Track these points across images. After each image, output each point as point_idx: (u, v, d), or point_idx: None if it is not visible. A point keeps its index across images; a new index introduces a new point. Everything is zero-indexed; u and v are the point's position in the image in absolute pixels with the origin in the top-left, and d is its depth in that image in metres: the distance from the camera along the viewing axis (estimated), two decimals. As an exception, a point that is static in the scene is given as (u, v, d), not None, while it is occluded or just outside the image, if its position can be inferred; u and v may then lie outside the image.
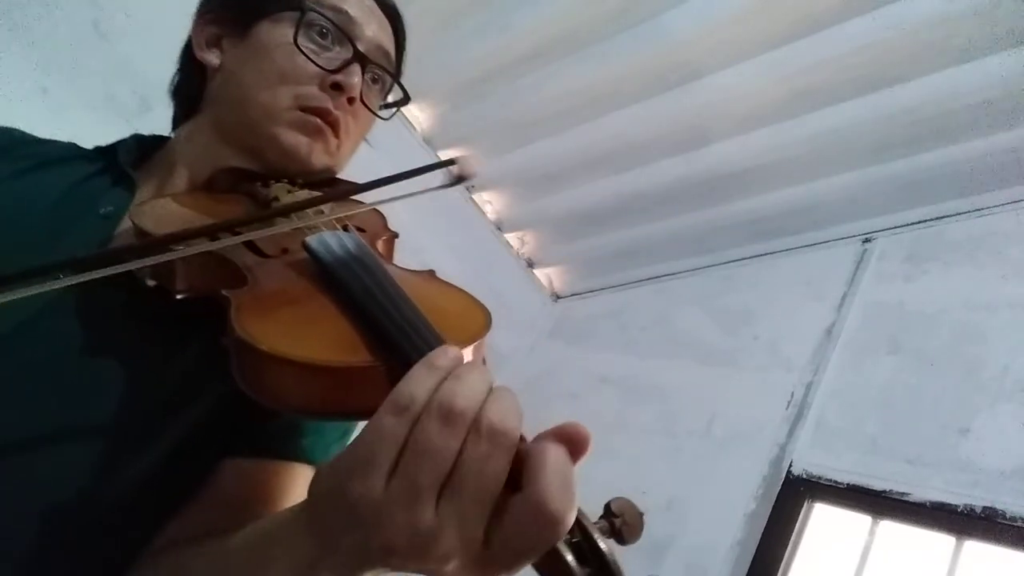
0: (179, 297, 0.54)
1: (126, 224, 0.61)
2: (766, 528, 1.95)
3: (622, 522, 0.37)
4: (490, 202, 2.90)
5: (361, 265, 0.50)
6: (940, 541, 1.73)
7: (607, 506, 0.38)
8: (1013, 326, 1.90)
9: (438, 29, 2.24)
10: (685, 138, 2.36)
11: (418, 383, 0.36)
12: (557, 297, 3.19)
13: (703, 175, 2.43)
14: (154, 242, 0.53)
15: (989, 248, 2.08)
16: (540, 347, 2.94)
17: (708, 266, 2.72)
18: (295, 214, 0.60)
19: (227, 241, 0.53)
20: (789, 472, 2.03)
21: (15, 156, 0.68)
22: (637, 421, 2.40)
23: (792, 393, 2.18)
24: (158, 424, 0.54)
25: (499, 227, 2.97)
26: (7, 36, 1.81)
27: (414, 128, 2.57)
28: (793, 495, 1.98)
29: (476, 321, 0.49)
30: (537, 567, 0.35)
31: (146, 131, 0.79)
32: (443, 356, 0.38)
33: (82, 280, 0.45)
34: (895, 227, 2.32)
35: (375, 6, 0.76)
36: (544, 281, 3.17)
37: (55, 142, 0.74)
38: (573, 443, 0.35)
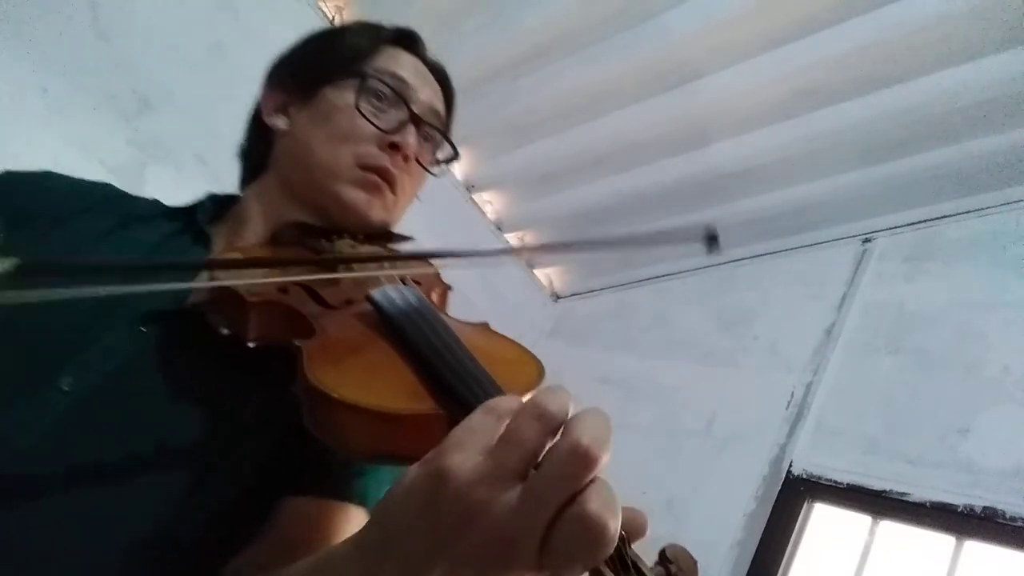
0: (251, 345, 0.57)
1: (203, 276, 0.66)
2: (766, 528, 1.96)
3: (677, 568, 0.39)
4: (490, 202, 2.89)
5: (422, 318, 0.54)
6: (940, 541, 1.73)
7: (662, 552, 0.40)
8: (1013, 326, 1.90)
9: (438, 29, 2.23)
10: (685, 138, 2.36)
11: (507, 397, 0.40)
12: (557, 297, 3.19)
13: (703, 175, 2.43)
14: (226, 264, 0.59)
15: (989, 248, 2.09)
16: (540, 347, 2.93)
17: (708, 266, 2.72)
18: (357, 266, 0.65)
19: (292, 277, 0.59)
20: (789, 472, 2.03)
21: (106, 213, 0.73)
22: (637, 421, 2.40)
23: (792, 393, 2.18)
24: (231, 464, 0.58)
25: (499, 227, 2.97)
26: (7, 36, 1.81)
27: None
28: (793, 495, 1.98)
29: (530, 372, 0.53)
30: None
31: (145, 130, 0.80)
32: (512, 399, 0.40)
33: (159, 288, 0.53)
34: (895, 227, 2.32)
35: (427, 71, 0.82)
36: (544, 281, 3.17)
37: (141, 199, 0.80)
38: (635, 522, 0.38)
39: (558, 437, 0.36)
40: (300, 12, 2.33)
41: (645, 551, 0.39)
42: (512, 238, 3.03)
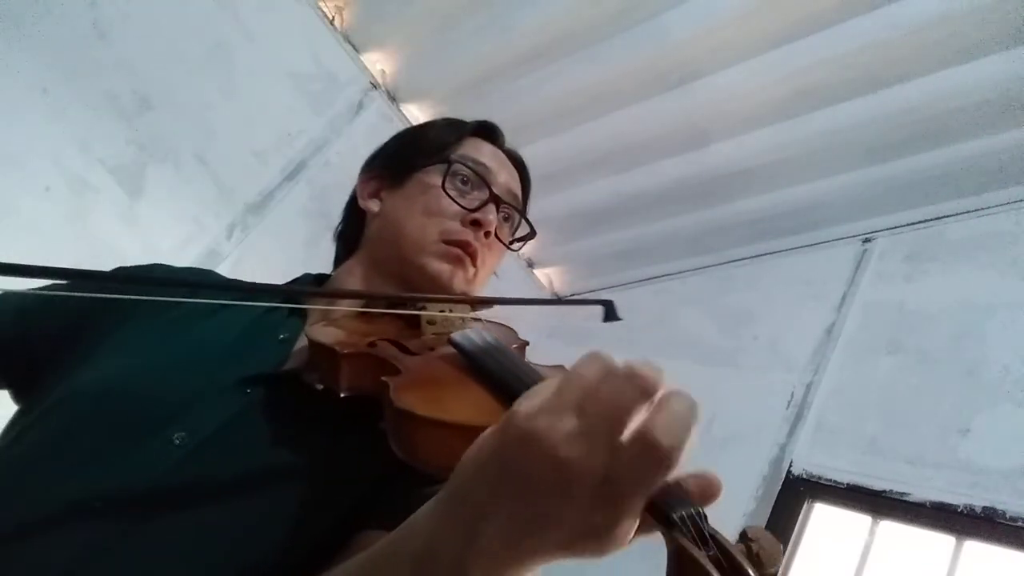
0: (343, 396, 0.62)
1: (301, 343, 0.74)
2: (766, 528, 1.95)
3: (759, 547, 0.40)
4: (490, 202, 2.90)
5: (499, 351, 0.58)
6: (940, 541, 1.73)
7: (743, 532, 0.41)
8: (1013, 326, 1.90)
9: (438, 29, 2.24)
10: (685, 138, 2.36)
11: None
12: (557, 297, 3.19)
13: (703, 175, 2.43)
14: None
15: (989, 248, 2.09)
16: (540, 347, 2.93)
17: (708, 266, 2.73)
18: (441, 323, 0.72)
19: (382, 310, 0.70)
20: (789, 472, 2.03)
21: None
22: (637, 421, 2.39)
23: (792, 393, 2.18)
24: (322, 505, 0.63)
25: (499, 227, 2.97)
26: (7, 36, 1.81)
27: (414, 128, 2.57)
28: (793, 495, 1.98)
29: None
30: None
31: (145, 130, 0.82)
32: None
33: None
34: (895, 227, 2.32)
35: (505, 158, 0.91)
36: (544, 281, 3.17)
37: (243, 283, 0.90)
38: (705, 487, 0.40)
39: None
40: (300, 12, 2.33)
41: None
42: (512, 238, 3.03)
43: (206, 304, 0.79)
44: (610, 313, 0.72)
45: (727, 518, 2.00)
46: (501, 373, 0.54)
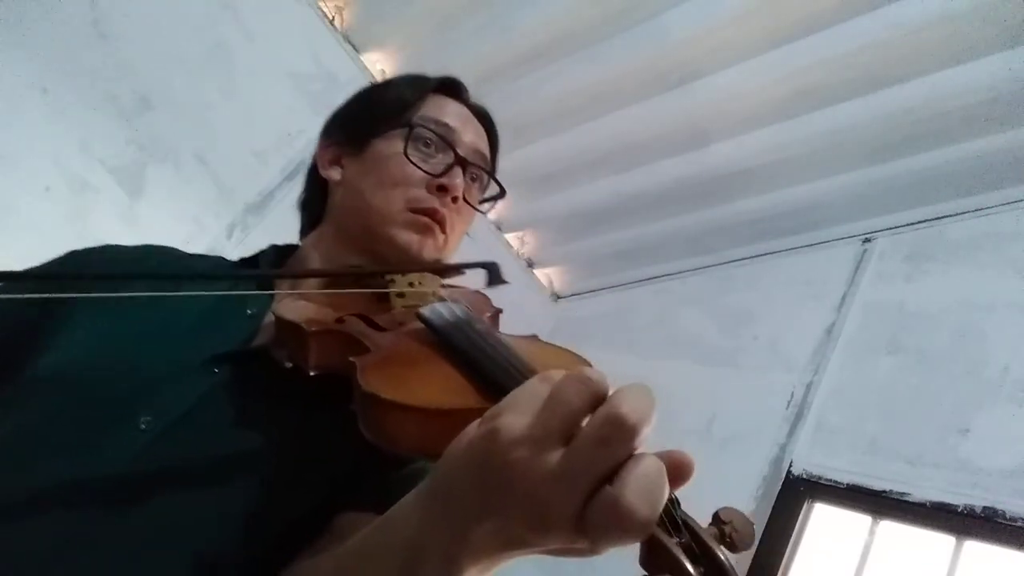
0: (312, 374, 0.61)
1: (269, 319, 0.71)
2: (766, 528, 1.96)
3: (732, 529, 0.39)
4: (490, 202, 2.90)
5: (469, 326, 0.57)
6: (940, 541, 1.73)
7: (716, 515, 0.40)
8: (1013, 326, 1.90)
9: (438, 29, 2.24)
10: (685, 138, 2.36)
11: (560, 372, 0.41)
12: (557, 297, 3.19)
13: (703, 175, 2.43)
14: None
15: (989, 248, 2.08)
16: (540, 347, 2.94)
17: (708, 266, 2.72)
18: (410, 295, 0.71)
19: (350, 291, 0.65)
20: (789, 472, 2.03)
21: (175, 269, 0.80)
22: (637, 421, 2.39)
23: (792, 393, 2.18)
24: (294, 487, 0.62)
25: (499, 227, 2.97)
26: (7, 35, 1.81)
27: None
28: (793, 495, 1.98)
29: None
30: (651, 567, 0.36)
31: (145, 130, 0.82)
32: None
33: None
34: (895, 227, 2.32)
35: (470, 115, 0.87)
36: (544, 281, 3.17)
37: (205, 257, 0.88)
38: (675, 467, 0.39)
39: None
40: (300, 12, 2.33)
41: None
42: (512, 238, 3.03)
43: (168, 281, 0.76)
44: (494, 277, 0.69)
45: (727, 518, 2.00)
46: (471, 351, 0.53)
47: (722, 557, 0.36)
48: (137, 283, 0.75)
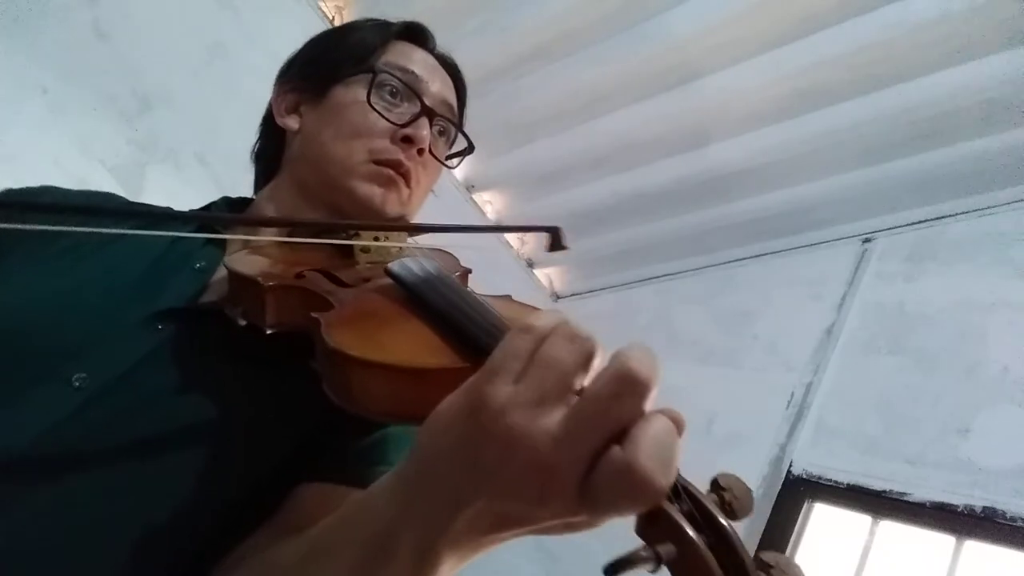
0: (269, 332, 0.56)
1: (220, 274, 0.66)
2: (766, 528, 1.96)
3: (731, 496, 0.37)
4: (490, 202, 2.89)
5: (441, 281, 0.53)
6: (940, 541, 1.73)
7: (714, 481, 0.37)
8: (1013, 326, 1.90)
9: (438, 29, 2.23)
10: (685, 138, 2.36)
11: (543, 315, 0.38)
12: (557, 297, 3.19)
13: (703, 175, 2.43)
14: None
15: (989, 248, 2.08)
16: (540, 347, 2.93)
17: (708, 266, 2.72)
18: (375, 251, 0.66)
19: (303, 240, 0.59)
20: (789, 472, 2.03)
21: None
22: (637, 421, 2.39)
23: (792, 393, 2.18)
24: (246, 455, 0.58)
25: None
26: (7, 36, 1.81)
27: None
28: (793, 495, 1.98)
29: None
30: (651, 536, 0.34)
31: (145, 130, 0.81)
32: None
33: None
34: (895, 227, 2.32)
35: (438, 64, 0.82)
36: (544, 281, 3.17)
37: (152, 207, 0.81)
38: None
39: (599, 363, 0.35)
40: (300, 12, 2.33)
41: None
42: (512, 238, 3.03)
43: (108, 219, 0.71)
44: (556, 242, 0.64)
45: (727, 518, 2.00)
46: (446, 307, 0.49)
47: (726, 524, 0.35)
48: (74, 222, 0.69)
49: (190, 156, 2.11)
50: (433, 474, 0.37)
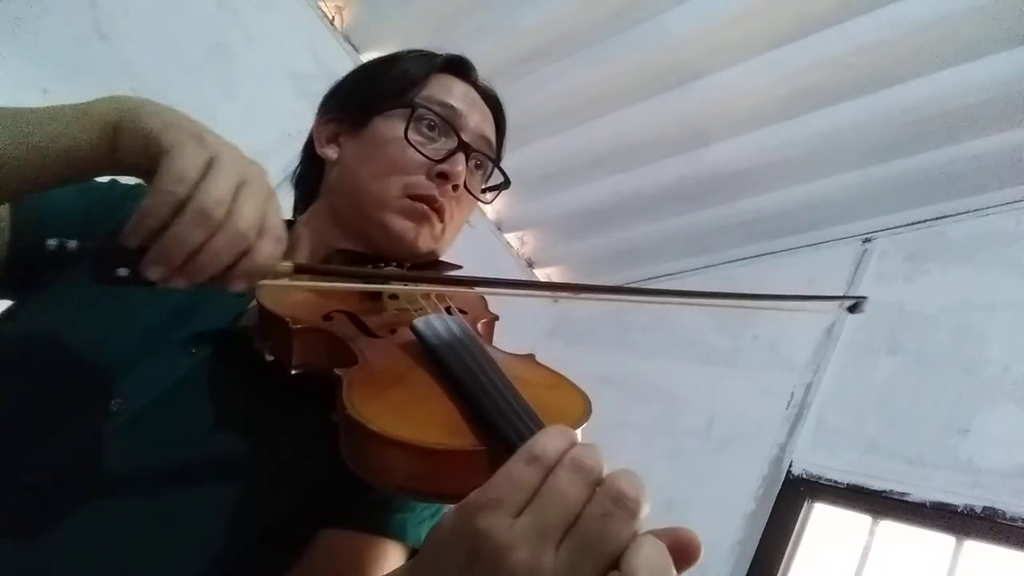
0: (293, 372, 0.57)
1: (253, 303, 0.67)
2: (766, 528, 1.96)
3: None
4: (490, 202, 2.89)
5: (465, 348, 0.53)
6: (940, 541, 1.73)
7: None
8: (1013, 326, 1.90)
9: (438, 29, 2.24)
10: (685, 138, 2.36)
11: (551, 438, 0.38)
12: (557, 297, 3.19)
13: (703, 175, 2.43)
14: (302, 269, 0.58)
15: (989, 248, 2.09)
16: (540, 347, 2.94)
17: (708, 266, 2.72)
18: (404, 296, 0.66)
19: (338, 285, 0.60)
20: (789, 472, 2.03)
21: None
22: (637, 421, 2.40)
23: (792, 393, 2.18)
24: (271, 490, 0.58)
25: (499, 227, 2.97)
26: (7, 35, 1.81)
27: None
28: (793, 495, 1.98)
29: (577, 407, 0.52)
30: None
31: None
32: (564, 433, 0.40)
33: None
34: (895, 227, 2.32)
35: (478, 97, 0.83)
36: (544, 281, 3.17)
37: None
38: (682, 548, 0.37)
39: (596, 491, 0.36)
40: (300, 12, 2.33)
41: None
42: (512, 238, 3.03)
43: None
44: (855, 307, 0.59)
45: (727, 518, 2.00)
46: (469, 382, 0.49)
47: None
48: None
49: (190, 156, 2.11)
50: None
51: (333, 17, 2.40)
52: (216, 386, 0.61)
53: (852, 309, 0.63)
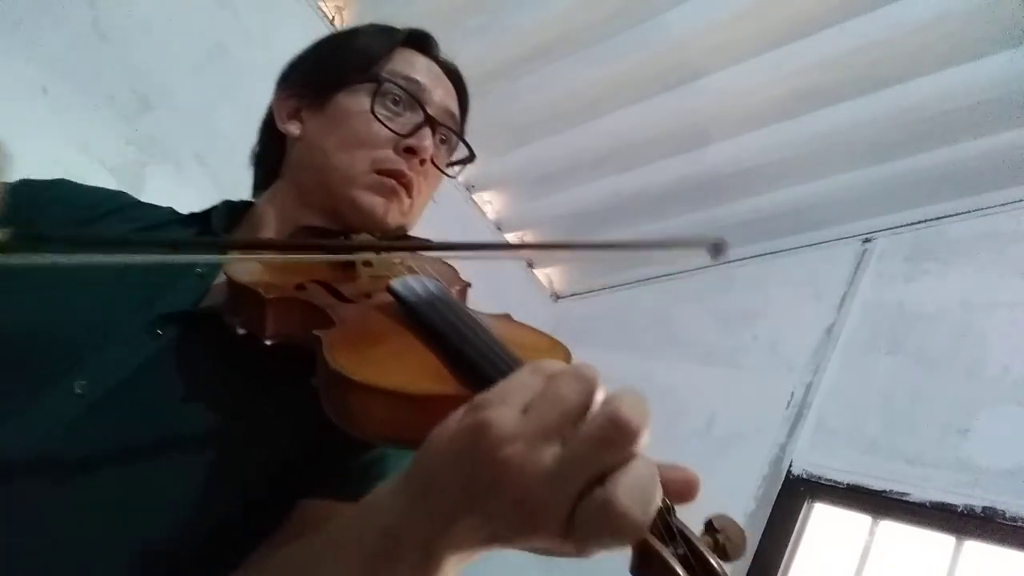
0: (268, 343, 0.56)
1: (221, 279, 0.65)
2: (766, 528, 1.96)
3: (725, 538, 0.38)
4: (490, 202, 2.90)
5: (443, 303, 0.53)
6: (940, 541, 1.73)
7: (708, 522, 0.38)
8: (1013, 326, 1.90)
9: (438, 29, 2.23)
10: (685, 138, 2.36)
11: (550, 360, 0.39)
12: (557, 297, 3.19)
13: (703, 175, 2.43)
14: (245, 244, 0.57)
15: (989, 248, 2.09)
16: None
17: (708, 266, 2.72)
18: (378, 264, 0.65)
19: (311, 257, 0.57)
20: (789, 472, 2.03)
21: (121, 219, 0.74)
22: (637, 421, 2.39)
23: (792, 393, 2.18)
24: (246, 467, 0.58)
25: (499, 227, 2.97)
26: (7, 35, 1.81)
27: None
28: (793, 495, 1.98)
29: (558, 354, 0.53)
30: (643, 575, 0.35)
31: (145, 130, 0.81)
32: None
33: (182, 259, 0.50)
34: (895, 227, 2.32)
35: (441, 72, 0.82)
36: (544, 281, 3.16)
37: (156, 207, 0.81)
38: (678, 482, 0.38)
39: (597, 407, 0.36)
40: (300, 12, 2.33)
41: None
42: (512, 238, 3.03)
43: (119, 224, 0.71)
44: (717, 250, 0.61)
45: (727, 518, 2.00)
46: (448, 331, 0.49)
47: (717, 567, 0.35)
48: (97, 225, 0.70)
49: (189, 156, 2.11)
50: (431, 485, 0.38)
51: (333, 17, 2.40)
52: (186, 366, 0.60)
53: (714, 252, 0.62)
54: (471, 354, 0.45)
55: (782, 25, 1.96)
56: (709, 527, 0.38)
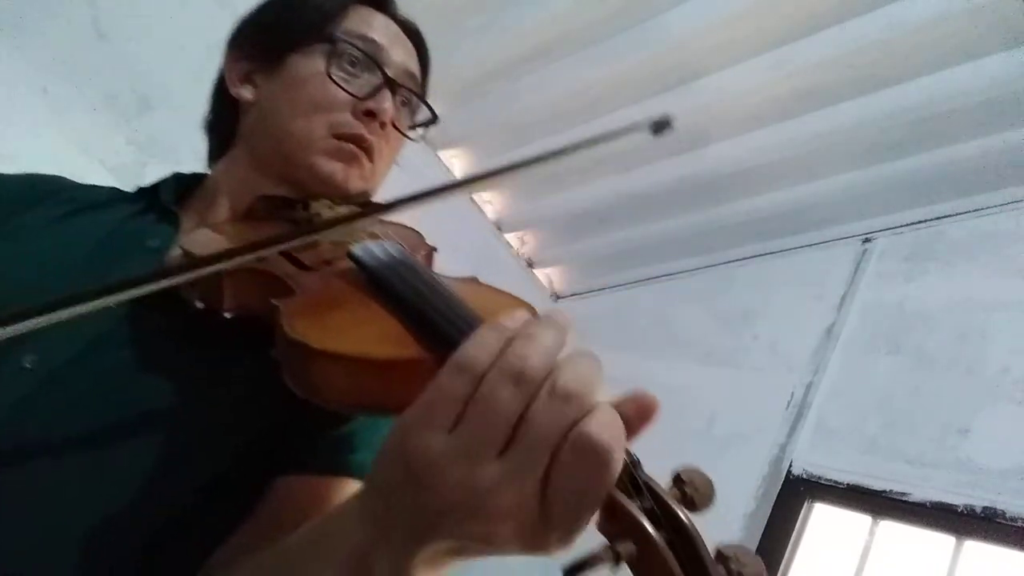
0: (227, 316, 0.55)
1: (175, 253, 0.63)
2: (766, 528, 1.96)
3: (692, 489, 0.37)
4: (490, 202, 2.90)
5: (405, 267, 0.52)
6: (940, 541, 1.73)
7: (676, 475, 0.37)
8: (1013, 326, 1.90)
9: (438, 29, 2.23)
10: (685, 138, 2.36)
11: (481, 342, 0.36)
12: (557, 297, 3.19)
13: (703, 175, 2.43)
14: (202, 259, 0.53)
15: (989, 248, 2.08)
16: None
17: (708, 266, 2.72)
18: (336, 229, 0.62)
19: (272, 249, 0.53)
20: (789, 472, 2.03)
21: (58, 201, 0.70)
22: (637, 421, 2.39)
23: (792, 393, 2.18)
24: (209, 446, 0.55)
25: (499, 227, 2.97)
26: (7, 35, 1.81)
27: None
28: (793, 495, 1.98)
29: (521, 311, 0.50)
30: (611, 534, 0.34)
31: (146, 131, 0.81)
32: (509, 319, 0.38)
33: (132, 296, 0.45)
34: (895, 227, 2.32)
35: (399, 31, 0.78)
36: (544, 281, 3.16)
37: (97, 187, 0.77)
38: (640, 408, 0.36)
39: (542, 400, 0.34)
40: (300, 12, 2.33)
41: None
42: (512, 238, 3.03)
43: (56, 206, 0.68)
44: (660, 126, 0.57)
45: (728, 518, 2.00)
46: (409, 295, 0.48)
47: (684, 519, 0.34)
48: (31, 211, 0.67)
49: (190, 156, 2.11)
50: (389, 507, 0.36)
51: (333, 17, 2.41)
52: (142, 340, 0.58)
53: (656, 129, 0.60)
54: (431, 315, 0.44)
55: (782, 25, 1.96)
56: (677, 479, 0.37)
